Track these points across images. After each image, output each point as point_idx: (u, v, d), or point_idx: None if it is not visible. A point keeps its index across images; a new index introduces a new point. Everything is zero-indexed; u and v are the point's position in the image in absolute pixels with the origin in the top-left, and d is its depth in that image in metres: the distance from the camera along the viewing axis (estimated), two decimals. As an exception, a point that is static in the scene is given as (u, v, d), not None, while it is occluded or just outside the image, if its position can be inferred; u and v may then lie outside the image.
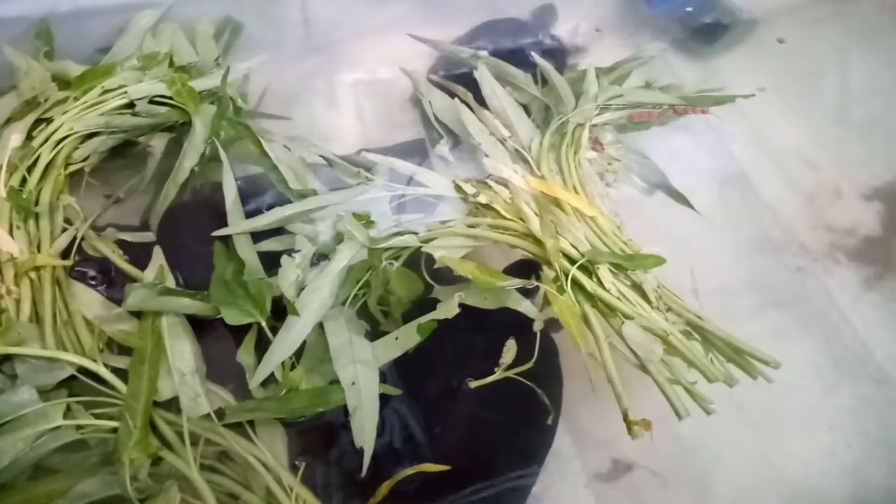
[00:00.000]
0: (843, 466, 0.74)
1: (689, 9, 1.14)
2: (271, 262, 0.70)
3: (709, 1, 1.15)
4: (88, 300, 0.68)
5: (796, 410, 0.77)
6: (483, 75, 0.86)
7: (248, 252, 0.70)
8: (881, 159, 1.01)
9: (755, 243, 0.91)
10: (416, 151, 0.87)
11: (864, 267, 0.90)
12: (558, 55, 1.05)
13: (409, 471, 0.63)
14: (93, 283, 0.70)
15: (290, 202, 0.73)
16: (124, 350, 0.65)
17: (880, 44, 1.19)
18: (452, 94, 0.85)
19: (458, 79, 0.92)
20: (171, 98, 0.82)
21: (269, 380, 0.64)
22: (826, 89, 1.12)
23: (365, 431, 0.61)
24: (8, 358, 0.61)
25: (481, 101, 0.85)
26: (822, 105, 1.10)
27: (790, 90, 1.10)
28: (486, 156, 0.77)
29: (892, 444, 0.75)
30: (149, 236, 0.76)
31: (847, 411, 0.78)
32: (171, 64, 0.89)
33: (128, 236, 0.76)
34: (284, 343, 0.64)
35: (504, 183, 0.75)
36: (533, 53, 0.94)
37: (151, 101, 0.82)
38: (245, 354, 0.66)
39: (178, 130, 0.84)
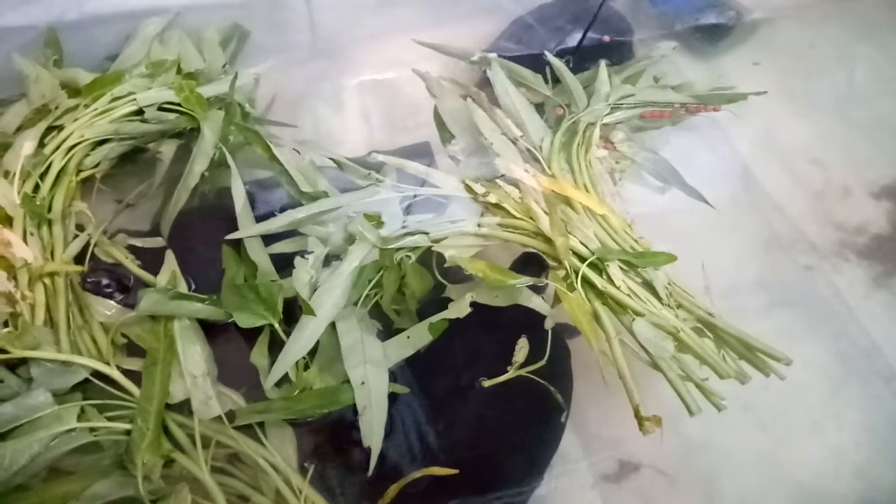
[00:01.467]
0: (851, 466, 0.74)
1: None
2: (280, 265, 0.70)
3: (714, 0, 1.16)
4: (104, 307, 0.69)
5: (805, 410, 0.77)
6: (495, 75, 0.86)
7: (259, 255, 0.70)
8: (889, 157, 1.02)
9: (763, 242, 0.91)
10: (421, 154, 0.88)
11: (874, 265, 0.90)
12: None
13: (418, 474, 0.63)
14: (108, 291, 0.70)
15: (300, 204, 0.73)
16: (137, 352, 0.66)
17: (886, 42, 1.19)
18: (465, 95, 0.86)
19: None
20: (179, 105, 0.83)
21: (283, 380, 0.64)
22: (832, 88, 1.13)
23: (373, 431, 0.62)
24: (23, 361, 0.61)
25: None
26: (829, 103, 1.10)
27: (796, 89, 1.10)
28: (498, 155, 0.77)
29: (902, 443, 0.75)
30: (159, 241, 0.76)
31: (856, 410, 0.78)
32: (179, 71, 0.90)
33: (138, 242, 0.76)
34: (298, 343, 0.65)
35: (514, 182, 0.76)
36: (546, 53, 0.94)
37: (160, 108, 0.83)
38: (259, 356, 0.66)
39: (187, 137, 0.84)
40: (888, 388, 0.79)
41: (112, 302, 0.69)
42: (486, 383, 0.67)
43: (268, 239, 0.73)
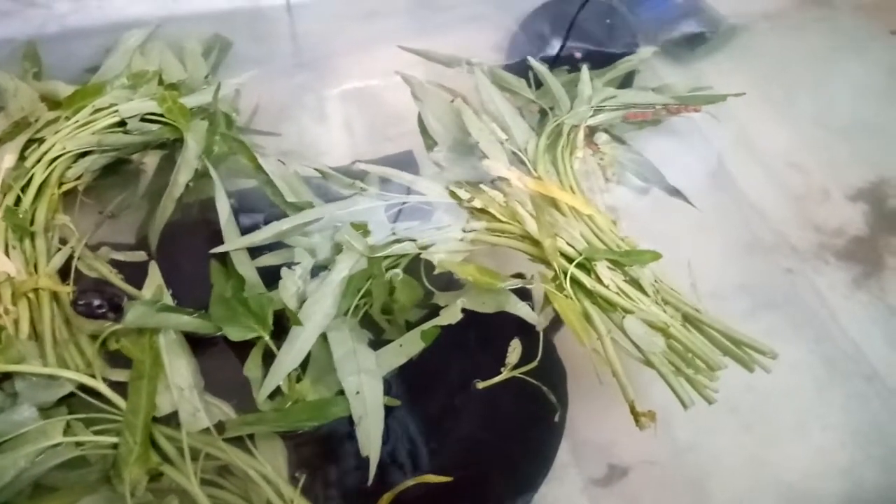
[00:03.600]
0: (837, 466, 0.74)
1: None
2: (267, 277, 0.70)
3: (692, 7, 1.17)
4: (98, 329, 0.68)
5: (790, 411, 0.77)
6: (480, 81, 0.86)
7: (246, 268, 0.70)
8: (866, 160, 1.03)
9: (745, 246, 0.92)
10: (405, 163, 0.88)
11: (853, 266, 0.91)
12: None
13: (411, 482, 0.63)
14: (101, 311, 0.69)
15: (285, 215, 0.73)
16: (124, 364, 0.65)
17: (859, 48, 1.21)
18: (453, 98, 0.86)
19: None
20: (162, 115, 0.82)
21: (275, 393, 0.64)
22: (809, 93, 1.14)
23: (371, 440, 0.61)
24: (8, 376, 0.60)
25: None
26: (806, 108, 1.11)
27: (774, 94, 1.12)
28: (485, 156, 0.77)
29: (886, 442, 0.76)
30: (141, 255, 0.76)
31: (840, 410, 0.78)
32: (161, 82, 0.89)
33: (121, 256, 0.76)
34: (289, 355, 0.64)
35: (499, 187, 0.76)
36: (530, 58, 0.95)
37: (143, 119, 0.82)
38: (253, 368, 0.66)
39: (171, 147, 0.84)
40: (871, 388, 0.80)
41: (106, 323, 0.68)
42: (480, 385, 0.67)
43: (253, 251, 0.72)
